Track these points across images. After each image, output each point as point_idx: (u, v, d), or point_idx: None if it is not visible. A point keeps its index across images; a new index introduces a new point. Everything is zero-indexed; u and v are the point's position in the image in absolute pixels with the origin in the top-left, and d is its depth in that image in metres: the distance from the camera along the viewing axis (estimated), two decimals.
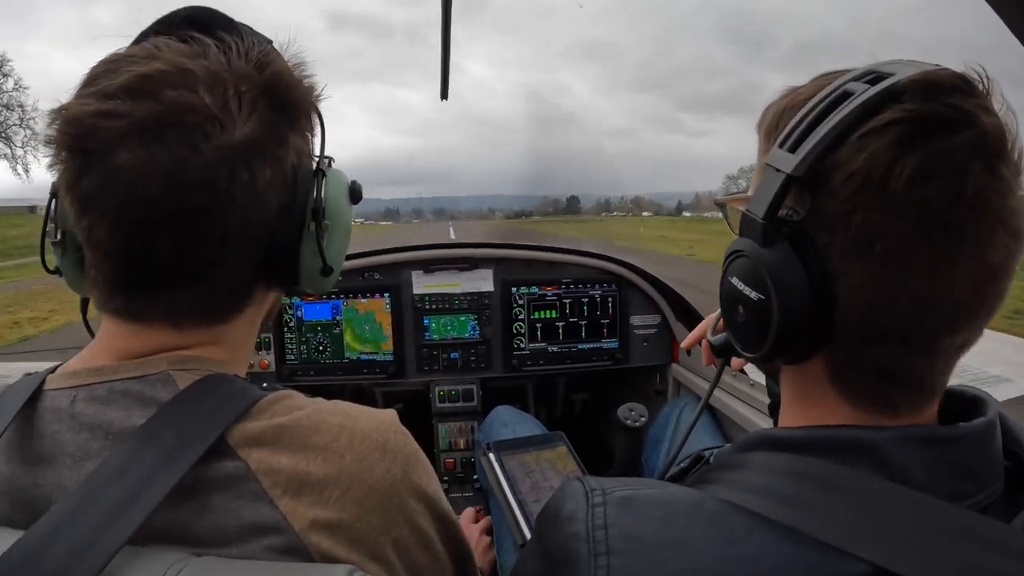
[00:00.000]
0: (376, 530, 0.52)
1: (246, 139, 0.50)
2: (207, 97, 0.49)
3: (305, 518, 0.48)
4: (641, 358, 1.93)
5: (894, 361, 0.46)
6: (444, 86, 1.83)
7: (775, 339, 0.47)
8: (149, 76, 0.48)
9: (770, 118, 0.53)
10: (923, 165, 0.41)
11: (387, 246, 1.91)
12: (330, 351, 1.83)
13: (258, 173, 0.51)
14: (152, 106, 0.47)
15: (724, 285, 0.52)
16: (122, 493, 0.45)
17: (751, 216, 0.48)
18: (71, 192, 0.49)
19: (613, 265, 1.92)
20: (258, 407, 0.51)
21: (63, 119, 0.48)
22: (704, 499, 0.46)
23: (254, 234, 0.53)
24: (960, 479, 0.45)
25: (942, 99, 0.42)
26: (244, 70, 0.52)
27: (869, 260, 0.43)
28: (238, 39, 0.53)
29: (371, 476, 0.52)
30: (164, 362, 0.53)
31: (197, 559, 0.44)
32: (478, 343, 1.89)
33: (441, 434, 1.89)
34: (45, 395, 0.53)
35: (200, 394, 0.51)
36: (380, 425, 0.56)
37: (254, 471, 0.49)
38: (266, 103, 0.53)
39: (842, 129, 0.43)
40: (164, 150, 0.47)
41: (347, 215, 0.63)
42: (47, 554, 0.42)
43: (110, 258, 0.50)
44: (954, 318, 0.44)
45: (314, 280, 0.60)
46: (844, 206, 0.43)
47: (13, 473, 0.51)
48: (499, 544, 1.29)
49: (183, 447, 0.47)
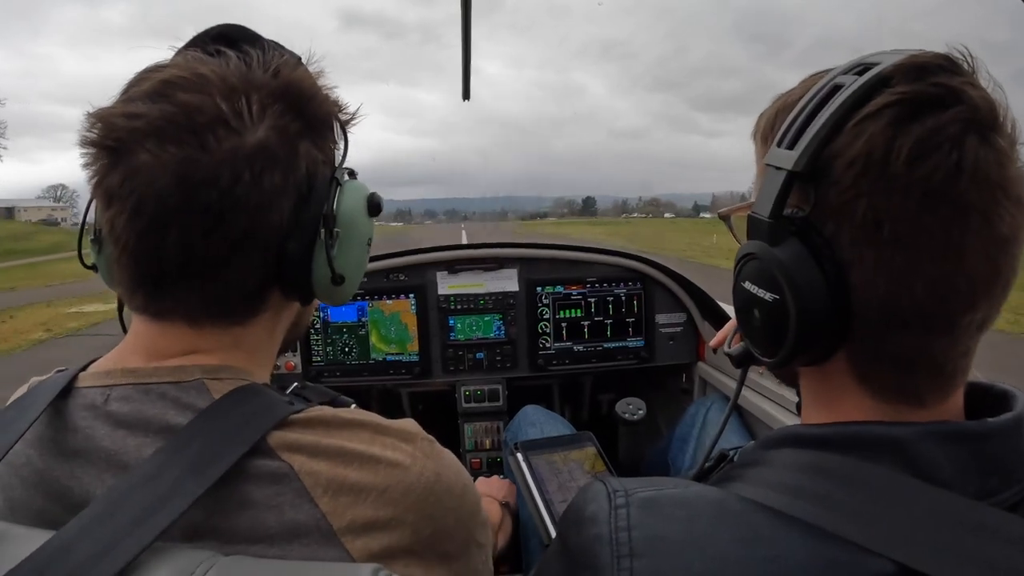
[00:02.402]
0: (410, 527, 0.54)
1: (257, 143, 0.52)
2: (220, 102, 0.51)
3: (344, 517, 0.50)
4: (667, 357, 1.92)
5: (915, 346, 0.45)
6: (466, 87, 1.83)
7: (794, 338, 0.46)
8: (168, 81, 0.51)
9: (764, 123, 0.54)
10: (919, 142, 0.41)
11: (393, 249, 1.92)
12: (356, 352, 1.84)
13: (265, 177, 0.52)
14: (166, 107, 0.50)
15: (737, 291, 0.52)
16: (154, 495, 0.46)
17: (757, 217, 0.48)
18: (98, 188, 0.52)
19: (638, 263, 1.91)
20: (293, 418, 0.53)
21: (95, 121, 0.51)
22: (728, 498, 0.46)
23: (262, 238, 0.54)
24: (987, 476, 0.44)
25: (929, 79, 0.43)
26: (261, 79, 0.54)
27: (879, 244, 0.43)
28: (260, 52, 0.56)
29: (406, 479, 0.54)
30: (198, 370, 0.55)
31: (225, 558, 0.44)
32: (503, 343, 1.89)
33: (467, 434, 1.89)
34: (78, 392, 0.55)
35: (237, 403, 0.53)
36: (409, 435, 0.58)
37: (297, 471, 0.50)
38: (280, 110, 0.54)
39: (837, 119, 0.44)
40: (177, 149, 0.50)
41: (364, 226, 0.63)
42: (71, 554, 0.43)
43: (127, 253, 0.53)
44: (971, 294, 0.44)
45: (326, 290, 0.60)
46: (848, 193, 0.43)
47: (47, 466, 0.53)
48: (525, 542, 1.29)
49: (221, 451, 0.49)
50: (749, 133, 0.57)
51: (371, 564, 0.46)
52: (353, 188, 0.61)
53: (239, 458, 0.48)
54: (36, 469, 0.53)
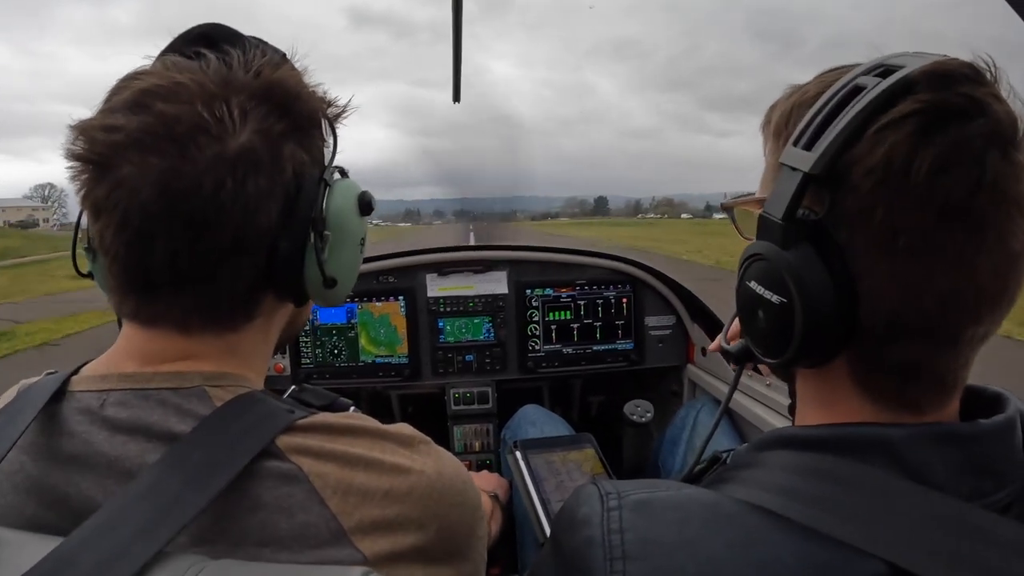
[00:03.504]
0: (417, 524, 0.54)
1: (240, 148, 0.51)
2: (201, 109, 0.51)
3: (353, 517, 0.51)
4: (656, 359, 1.92)
5: (918, 356, 0.45)
6: (456, 89, 1.84)
7: (800, 343, 0.46)
8: (146, 91, 0.51)
9: (777, 117, 0.52)
10: (942, 156, 0.41)
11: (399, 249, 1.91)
12: (345, 354, 1.84)
13: (249, 182, 0.52)
14: (145, 118, 0.50)
15: (742, 290, 0.51)
16: (160, 504, 0.46)
17: (769, 218, 0.47)
18: (86, 200, 0.52)
19: (627, 266, 1.91)
20: (297, 424, 0.53)
21: (77, 133, 0.51)
22: (721, 500, 0.46)
23: (250, 242, 0.54)
24: (980, 477, 0.44)
25: (954, 88, 0.42)
26: (242, 81, 0.53)
27: (893, 255, 0.43)
28: (241, 52, 0.55)
29: (408, 480, 0.55)
30: (198, 377, 0.54)
31: (214, 562, 0.44)
32: (493, 345, 1.89)
33: (456, 436, 1.89)
34: (72, 396, 0.54)
35: (239, 411, 0.53)
36: (407, 439, 0.59)
37: (306, 473, 0.51)
38: (263, 113, 0.53)
39: (858, 124, 0.43)
40: (158, 159, 0.49)
41: (356, 227, 0.62)
42: (76, 564, 0.42)
43: (117, 262, 0.52)
44: (978, 308, 0.44)
45: (320, 292, 0.60)
46: (865, 201, 0.43)
47: (41, 472, 0.52)
48: (521, 541, 1.30)
49: (226, 459, 0.49)
50: (757, 133, 0.56)
51: (360, 567, 0.46)
52: (343, 188, 0.60)
53: (247, 463, 0.48)
54: (29, 475, 0.52)
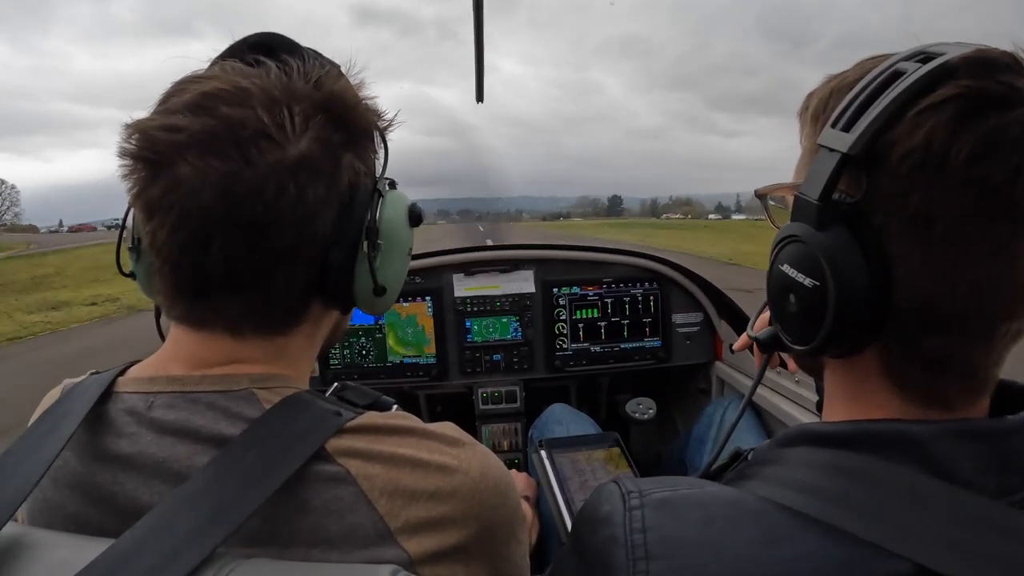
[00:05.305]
0: (461, 524, 0.55)
1: (300, 156, 0.52)
2: (263, 114, 0.51)
3: (399, 518, 0.51)
4: (684, 356, 1.91)
5: (950, 350, 0.44)
6: (479, 89, 1.84)
7: (831, 328, 0.45)
8: (208, 94, 0.51)
9: (815, 103, 0.52)
10: (981, 142, 0.40)
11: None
12: (373, 355, 1.85)
13: (309, 189, 0.52)
14: (208, 121, 0.50)
15: (773, 273, 0.51)
16: (212, 506, 0.46)
17: (804, 198, 0.47)
18: (139, 199, 0.52)
19: (654, 263, 1.90)
20: (346, 426, 0.54)
21: (133, 132, 0.51)
22: (744, 498, 0.45)
23: (306, 250, 0.54)
24: (1007, 474, 0.43)
25: (995, 76, 0.41)
26: (302, 90, 0.54)
27: (929, 241, 0.42)
28: (300, 61, 0.55)
29: (454, 480, 0.55)
30: (246, 379, 0.55)
31: (245, 561, 0.45)
32: (520, 344, 1.89)
33: (484, 436, 1.90)
34: (118, 397, 0.55)
35: (288, 412, 0.53)
36: (453, 439, 0.59)
37: (354, 475, 0.51)
38: (323, 122, 0.54)
39: (898, 106, 0.42)
40: (220, 162, 0.49)
41: (405, 237, 0.63)
42: (130, 565, 0.43)
43: (169, 264, 0.53)
44: (1013, 302, 0.43)
45: (368, 301, 0.60)
46: (902, 185, 0.42)
47: (86, 470, 0.53)
48: (547, 538, 1.30)
49: (278, 461, 0.49)
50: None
51: (389, 565, 0.46)
52: (395, 199, 0.61)
53: (292, 473, 0.49)
54: (73, 472, 0.53)
